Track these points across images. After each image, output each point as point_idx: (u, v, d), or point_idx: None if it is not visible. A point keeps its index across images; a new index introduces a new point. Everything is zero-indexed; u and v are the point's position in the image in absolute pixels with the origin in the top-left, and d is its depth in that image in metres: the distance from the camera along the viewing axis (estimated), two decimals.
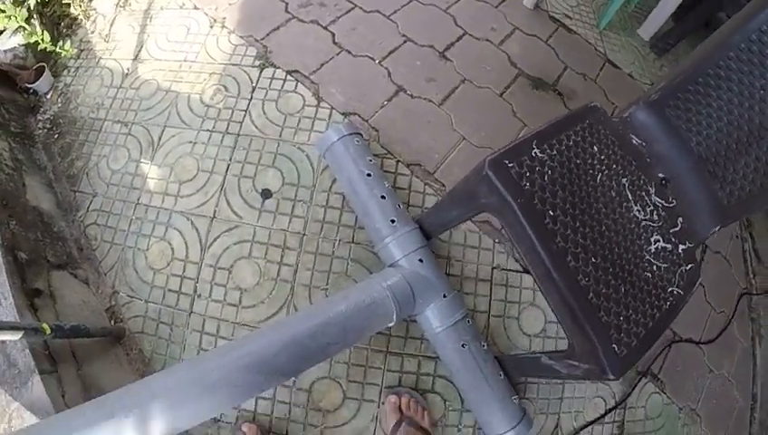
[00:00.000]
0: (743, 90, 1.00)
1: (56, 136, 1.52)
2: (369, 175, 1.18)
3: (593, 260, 0.84)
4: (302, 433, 1.20)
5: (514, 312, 1.33)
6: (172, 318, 1.26)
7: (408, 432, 1.13)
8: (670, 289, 0.93)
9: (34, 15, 1.56)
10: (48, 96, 1.61)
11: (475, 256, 1.34)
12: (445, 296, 1.13)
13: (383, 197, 1.17)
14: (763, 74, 0.97)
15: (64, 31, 1.72)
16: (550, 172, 0.87)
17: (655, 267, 0.94)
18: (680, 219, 1.04)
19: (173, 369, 0.88)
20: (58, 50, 1.57)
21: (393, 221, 1.15)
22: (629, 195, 0.98)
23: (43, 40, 1.50)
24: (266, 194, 1.33)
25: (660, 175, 1.07)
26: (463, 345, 1.11)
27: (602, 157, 0.98)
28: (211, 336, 1.24)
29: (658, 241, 0.97)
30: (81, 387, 1.11)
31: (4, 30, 1.52)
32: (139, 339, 1.27)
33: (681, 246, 1.01)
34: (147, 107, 1.49)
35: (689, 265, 0.99)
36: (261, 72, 1.48)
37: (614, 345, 0.80)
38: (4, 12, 1.42)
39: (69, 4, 1.71)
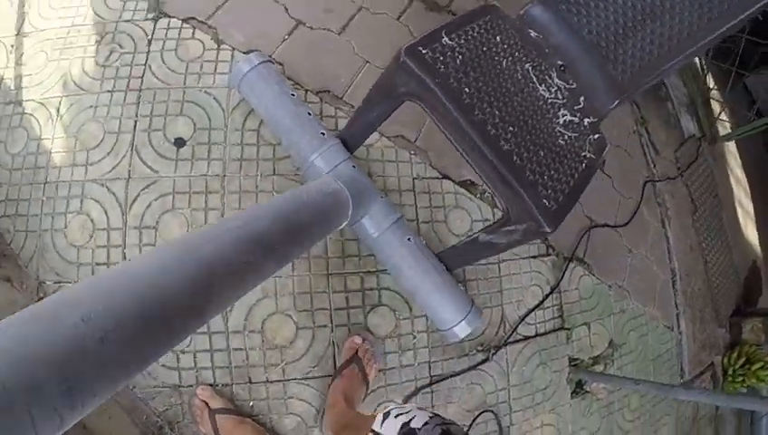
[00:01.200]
0: None
1: None
2: (293, 94, 1.19)
3: (511, 129, 0.90)
4: (265, 375, 1.19)
5: (441, 216, 1.39)
6: None
7: (352, 374, 1.17)
8: (583, 153, 1.02)
9: None
10: None
11: (394, 169, 1.38)
12: (382, 197, 1.16)
13: (309, 114, 1.18)
14: None
15: None
16: (460, 57, 0.92)
17: (566, 136, 1.02)
18: (582, 98, 1.13)
19: (139, 257, 0.68)
20: None
21: (323, 134, 1.16)
22: (534, 78, 1.06)
23: None
24: (180, 143, 1.27)
25: (559, 63, 1.16)
26: (409, 239, 1.16)
27: (505, 46, 1.04)
28: None
29: (565, 115, 1.06)
30: None
31: None
32: None
33: (587, 120, 1.10)
34: (38, 81, 1.36)
35: (596, 135, 1.09)
36: (155, 23, 1.39)
37: (544, 200, 0.86)
38: None
39: None
